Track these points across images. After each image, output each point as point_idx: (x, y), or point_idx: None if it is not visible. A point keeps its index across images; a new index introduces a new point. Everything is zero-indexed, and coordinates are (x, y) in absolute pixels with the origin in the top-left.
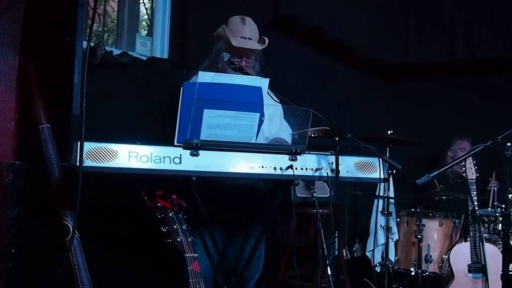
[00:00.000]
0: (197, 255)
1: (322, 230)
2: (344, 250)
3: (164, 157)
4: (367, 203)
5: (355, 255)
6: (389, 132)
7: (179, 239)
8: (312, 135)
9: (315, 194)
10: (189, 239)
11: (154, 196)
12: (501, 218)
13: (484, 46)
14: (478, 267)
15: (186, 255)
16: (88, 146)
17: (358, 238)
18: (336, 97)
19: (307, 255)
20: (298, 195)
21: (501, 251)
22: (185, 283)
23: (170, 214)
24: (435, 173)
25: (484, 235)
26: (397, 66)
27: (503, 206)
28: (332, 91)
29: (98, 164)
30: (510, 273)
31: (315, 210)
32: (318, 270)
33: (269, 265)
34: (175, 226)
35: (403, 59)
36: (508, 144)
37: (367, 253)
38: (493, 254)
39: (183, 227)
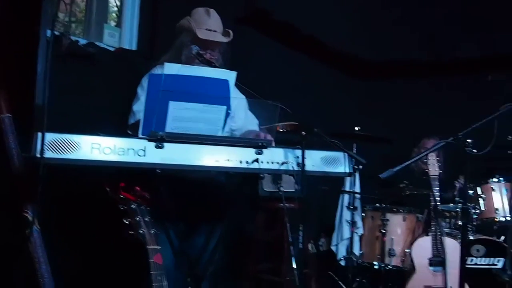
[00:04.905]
0: (159, 247)
1: (288, 225)
2: (310, 244)
3: (128, 149)
4: (335, 198)
5: (321, 249)
6: (356, 128)
7: (141, 231)
8: (281, 130)
9: (282, 189)
10: (152, 231)
11: (117, 188)
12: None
13: (457, 46)
14: (438, 260)
15: (149, 247)
16: (49, 137)
17: (324, 233)
18: (309, 94)
19: (274, 249)
20: (266, 190)
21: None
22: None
23: (133, 206)
24: (397, 168)
25: (445, 229)
26: (371, 63)
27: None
28: (305, 87)
29: (60, 156)
30: (467, 266)
31: (282, 205)
32: (284, 264)
33: (237, 259)
34: (137, 218)
35: (378, 57)
36: (469, 140)
37: (332, 247)
38: (453, 248)
39: (146, 219)
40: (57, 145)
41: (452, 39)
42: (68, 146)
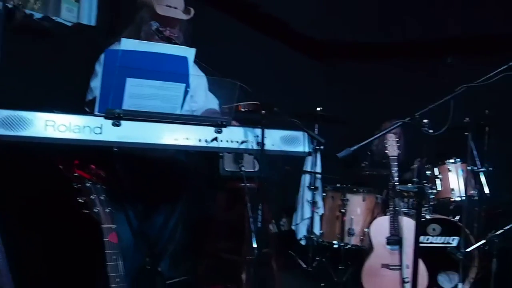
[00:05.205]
0: (114, 226)
1: (249, 204)
2: (271, 224)
3: (83, 127)
4: (297, 178)
5: (282, 229)
6: (318, 108)
7: (96, 210)
8: (243, 110)
9: (243, 168)
10: (107, 210)
11: (71, 166)
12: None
13: (416, 29)
14: (395, 239)
15: (103, 225)
16: (1, 113)
17: (286, 213)
18: (270, 74)
19: (234, 228)
20: (227, 169)
21: None
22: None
23: (88, 184)
24: (355, 147)
25: (403, 209)
26: (333, 45)
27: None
28: (267, 67)
29: (12, 133)
30: (423, 244)
31: (243, 184)
32: (245, 243)
33: (197, 238)
34: (92, 197)
35: (339, 38)
36: (425, 121)
37: (292, 227)
38: (409, 227)
39: (101, 197)
40: (10, 122)
41: (412, 22)
42: (21, 123)
